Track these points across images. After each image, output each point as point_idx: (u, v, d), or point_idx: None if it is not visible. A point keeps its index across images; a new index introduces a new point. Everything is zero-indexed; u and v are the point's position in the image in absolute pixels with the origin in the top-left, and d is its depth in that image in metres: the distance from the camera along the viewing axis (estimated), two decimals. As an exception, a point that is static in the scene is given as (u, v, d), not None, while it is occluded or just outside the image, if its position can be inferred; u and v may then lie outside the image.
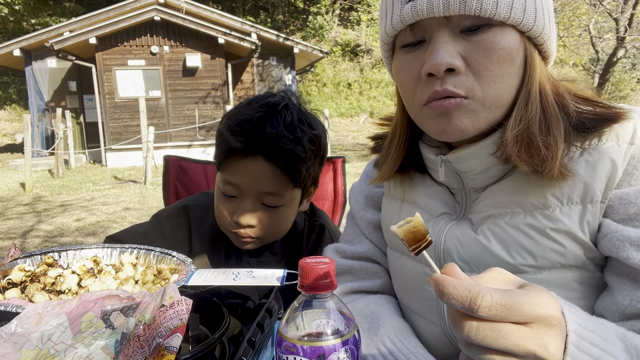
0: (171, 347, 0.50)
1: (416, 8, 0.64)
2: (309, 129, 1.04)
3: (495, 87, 0.65)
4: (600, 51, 10.63)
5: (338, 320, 0.52)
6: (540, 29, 0.65)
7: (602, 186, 0.64)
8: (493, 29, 0.63)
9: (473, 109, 0.66)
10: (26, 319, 0.51)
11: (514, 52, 0.64)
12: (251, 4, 22.99)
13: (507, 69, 0.64)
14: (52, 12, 19.98)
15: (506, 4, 0.62)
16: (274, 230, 1.11)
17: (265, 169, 1.01)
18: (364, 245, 0.94)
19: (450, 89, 0.64)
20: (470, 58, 0.64)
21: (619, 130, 0.64)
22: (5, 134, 17.53)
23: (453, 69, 0.64)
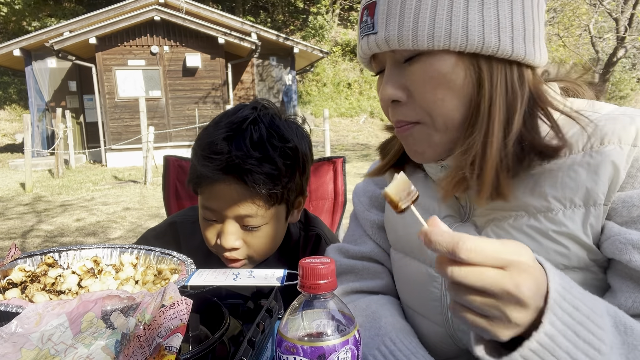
0: (171, 347, 0.50)
1: (367, 44, 0.69)
2: (281, 143, 1.00)
3: (437, 110, 0.67)
4: (600, 51, 10.63)
5: (338, 321, 0.52)
6: (478, 44, 0.63)
7: (604, 189, 0.63)
8: (423, 57, 0.66)
9: (426, 133, 0.69)
10: (26, 319, 0.51)
11: (449, 75, 0.65)
12: (251, 4, 22.99)
13: (445, 91, 0.66)
14: (52, 12, 19.98)
15: (426, 34, 0.63)
16: (261, 250, 1.07)
17: (238, 192, 0.97)
18: (368, 245, 0.94)
19: (399, 118, 0.70)
20: (411, 87, 0.68)
21: (622, 132, 0.64)
22: (5, 134, 17.53)
23: (398, 100, 0.69)
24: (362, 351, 0.57)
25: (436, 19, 0.63)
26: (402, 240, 0.85)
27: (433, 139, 0.69)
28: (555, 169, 0.67)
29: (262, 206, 0.99)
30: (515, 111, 0.65)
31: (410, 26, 0.64)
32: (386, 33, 0.65)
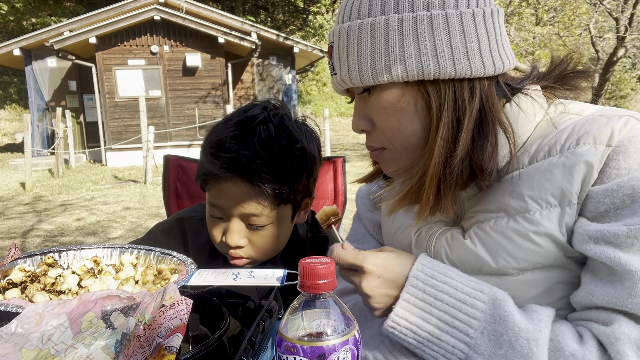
0: (171, 347, 0.50)
1: (333, 83, 0.77)
2: (289, 144, 1.00)
3: (399, 136, 0.72)
4: (600, 51, 10.62)
5: (338, 320, 0.52)
6: (417, 72, 0.66)
7: (578, 188, 0.65)
8: (375, 91, 0.71)
9: (392, 156, 0.76)
10: (26, 319, 0.51)
11: (398, 104, 0.70)
12: (251, 4, 22.97)
13: (399, 119, 0.71)
14: (52, 12, 19.97)
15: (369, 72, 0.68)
16: (266, 249, 1.07)
17: (244, 190, 0.97)
18: (370, 244, 0.97)
19: (369, 144, 0.78)
20: (372, 117, 0.75)
21: (597, 132, 0.65)
22: (5, 134, 17.53)
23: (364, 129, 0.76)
24: (362, 350, 0.57)
25: (375, 57, 0.68)
26: (394, 240, 0.88)
27: (399, 160, 0.76)
28: (533, 171, 0.69)
29: (268, 206, 0.99)
30: (461, 129, 0.68)
31: (356, 67, 0.70)
32: (341, 74, 0.73)
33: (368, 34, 0.68)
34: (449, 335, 0.64)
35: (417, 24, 0.65)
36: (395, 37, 0.66)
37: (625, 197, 0.62)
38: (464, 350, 0.63)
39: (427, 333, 0.65)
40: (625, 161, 0.62)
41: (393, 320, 0.67)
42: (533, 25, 12.02)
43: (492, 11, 0.69)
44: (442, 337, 0.64)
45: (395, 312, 0.67)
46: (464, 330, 0.63)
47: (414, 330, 0.66)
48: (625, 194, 0.61)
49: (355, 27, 0.69)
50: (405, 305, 0.67)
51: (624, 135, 0.64)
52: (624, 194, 0.62)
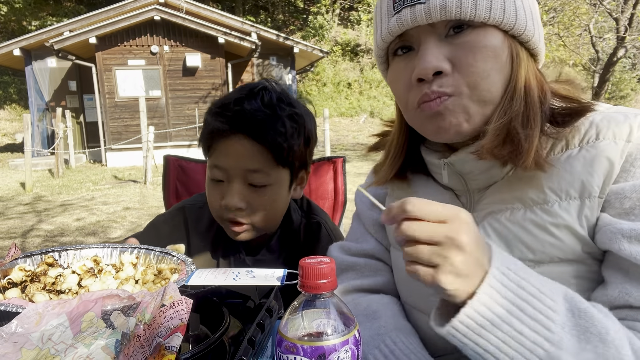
0: (171, 347, 0.50)
1: (401, 19, 0.69)
2: (288, 107, 1.07)
3: (482, 82, 0.68)
4: (600, 51, 10.62)
5: (338, 320, 0.52)
6: (522, 27, 0.68)
7: (599, 182, 0.65)
8: (475, 30, 0.67)
9: (462, 104, 0.69)
10: (26, 319, 0.51)
11: (498, 49, 0.68)
12: (251, 4, 22.98)
13: (492, 65, 0.68)
14: (52, 12, 19.98)
15: (484, 6, 0.66)
16: (265, 213, 1.09)
17: (247, 147, 1.03)
18: (370, 243, 0.96)
19: (436, 90, 0.68)
20: (456, 59, 0.68)
21: (616, 128, 0.67)
22: (5, 134, 17.53)
23: (441, 71, 0.68)
24: (362, 350, 0.57)
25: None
26: None
27: (470, 110, 0.69)
28: (552, 163, 0.69)
29: (269, 162, 1.05)
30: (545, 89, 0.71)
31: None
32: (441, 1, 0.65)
33: None
34: (530, 330, 0.54)
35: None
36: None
37: None
38: (544, 346, 0.54)
39: (510, 327, 0.55)
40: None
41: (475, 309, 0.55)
42: (533, 26, 12.01)
43: None
44: (525, 331, 0.55)
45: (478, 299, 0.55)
46: (547, 324, 0.54)
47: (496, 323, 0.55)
48: None
49: None
50: (490, 292, 0.55)
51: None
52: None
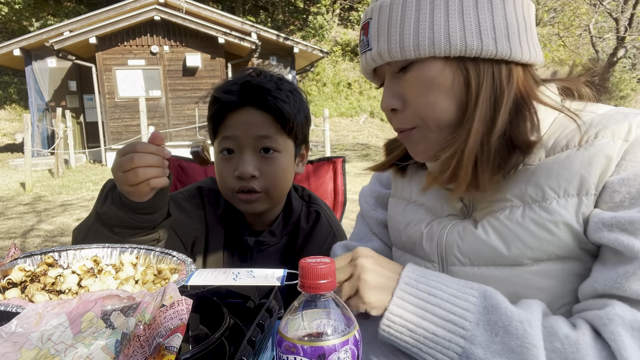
0: (171, 347, 0.50)
1: (363, 63, 0.77)
2: (287, 84, 1.19)
3: (431, 114, 0.72)
4: (600, 51, 10.62)
5: (338, 320, 0.52)
6: (461, 48, 0.68)
7: (595, 179, 0.66)
8: (415, 65, 0.71)
9: (423, 135, 0.75)
10: (26, 319, 0.50)
11: (437, 79, 0.70)
12: (251, 4, 22.97)
13: (436, 95, 0.71)
14: (52, 12, 19.97)
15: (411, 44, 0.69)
16: (276, 181, 1.16)
17: (256, 116, 1.13)
18: (373, 242, 0.98)
19: (397, 126, 0.77)
20: (406, 95, 0.74)
21: (615, 127, 0.66)
22: (5, 134, 17.53)
23: (395, 108, 0.75)
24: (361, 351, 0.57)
25: (419, 30, 0.68)
26: (402, 237, 0.88)
27: (430, 139, 0.75)
28: (551, 162, 0.69)
29: (277, 130, 1.14)
30: (500, 108, 0.69)
31: (397, 39, 0.70)
32: (378, 48, 0.72)
33: (412, 8, 0.69)
34: (444, 330, 0.63)
35: (463, 1, 0.68)
36: (440, 12, 0.68)
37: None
38: (460, 343, 0.62)
39: (423, 329, 0.64)
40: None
41: (388, 319, 0.67)
42: (533, 26, 12.01)
43: (529, 3, 0.72)
44: (438, 332, 0.63)
45: (389, 310, 0.67)
46: (460, 323, 0.63)
47: (410, 328, 0.65)
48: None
49: (400, 1, 0.70)
50: (399, 303, 0.66)
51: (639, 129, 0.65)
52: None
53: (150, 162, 0.87)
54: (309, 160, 1.69)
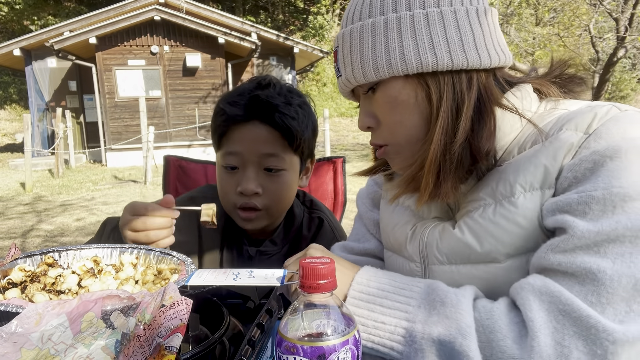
0: (171, 347, 0.50)
1: (339, 84, 0.81)
2: (297, 97, 1.15)
3: (400, 130, 0.75)
4: (600, 51, 10.62)
5: (338, 321, 0.52)
6: (416, 65, 0.70)
7: (556, 171, 0.67)
8: (379, 87, 0.75)
9: (396, 150, 0.79)
10: (26, 319, 0.51)
11: (400, 97, 0.73)
12: (251, 4, 22.97)
13: (401, 112, 0.74)
14: (53, 12, 19.97)
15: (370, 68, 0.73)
16: (279, 198, 1.14)
17: (262, 132, 1.08)
18: (371, 243, 1.00)
19: (373, 141, 0.81)
20: (377, 114, 0.78)
21: (579, 119, 0.68)
22: (5, 134, 17.53)
23: (370, 126, 0.79)
24: (361, 351, 0.57)
25: (377, 54, 0.72)
26: (391, 238, 0.91)
27: (403, 154, 0.78)
28: (520, 159, 0.71)
29: (283, 147, 1.10)
30: (461, 116, 0.71)
31: (359, 65, 0.74)
32: (346, 74, 0.77)
33: (369, 34, 0.72)
34: (391, 317, 0.67)
35: (414, 21, 0.70)
36: (394, 34, 0.71)
37: (586, 170, 0.63)
38: (403, 325, 0.66)
39: (373, 321, 0.68)
40: (595, 142, 0.64)
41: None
42: (533, 26, 12.02)
43: (485, 9, 0.73)
44: (386, 320, 0.67)
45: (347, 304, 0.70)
46: (404, 309, 0.67)
47: (362, 322, 0.69)
48: (587, 168, 0.63)
49: (357, 29, 0.74)
50: (351, 301, 0.70)
51: (602, 121, 0.66)
52: (585, 168, 0.64)
53: (160, 225, 0.90)
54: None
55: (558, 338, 0.57)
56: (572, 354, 0.56)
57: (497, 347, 0.60)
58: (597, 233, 0.59)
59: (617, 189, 0.59)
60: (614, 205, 0.59)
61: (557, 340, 0.57)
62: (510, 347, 0.59)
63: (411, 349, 0.64)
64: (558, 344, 0.57)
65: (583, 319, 0.56)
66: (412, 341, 0.64)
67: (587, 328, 0.56)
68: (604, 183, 0.61)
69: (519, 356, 0.58)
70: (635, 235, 0.57)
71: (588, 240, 0.60)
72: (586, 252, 0.60)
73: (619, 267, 0.57)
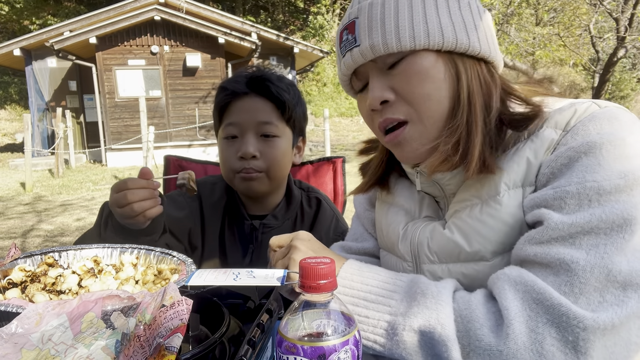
0: (171, 347, 0.50)
1: (347, 62, 0.77)
2: (288, 80, 1.31)
3: (426, 105, 0.74)
4: (600, 51, 10.61)
5: (338, 321, 0.52)
6: (452, 42, 0.72)
7: (536, 168, 0.69)
8: (408, 58, 0.73)
9: (416, 130, 0.75)
10: (26, 319, 0.51)
11: (432, 70, 0.73)
12: (251, 4, 22.97)
13: (430, 86, 0.73)
14: (53, 12, 19.97)
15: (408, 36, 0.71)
16: (275, 161, 1.25)
17: (259, 103, 1.24)
18: (370, 242, 1.01)
19: (389, 116, 0.76)
20: (398, 88, 0.75)
21: (559, 117, 0.70)
22: (5, 134, 17.53)
23: (387, 100, 0.75)
24: (361, 351, 0.57)
25: (414, 23, 0.71)
26: (385, 238, 0.93)
27: (424, 134, 0.75)
28: (503, 158, 0.73)
29: (277, 117, 1.25)
30: (492, 95, 0.74)
31: (392, 31, 0.72)
32: (370, 42, 0.73)
33: (405, 5, 0.72)
34: (374, 311, 0.68)
35: (449, 3, 0.73)
36: (432, 9, 0.72)
37: (562, 166, 0.65)
38: (386, 319, 0.67)
39: (357, 315, 0.69)
40: (572, 138, 0.66)
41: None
42: (533, 26, 12.02)
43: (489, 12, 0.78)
44: (369, 314, 0.68)
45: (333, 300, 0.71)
46: (387, 303, 0.69)
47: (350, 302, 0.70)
48: (562, 164, 0.65)
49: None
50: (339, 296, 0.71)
51: (580, 118, 0.68)
52: (561, 164, 0.65)
53: (142, 196, 0.96)
54: (309, 161, 1.70)
55: (532, 326, 0.59)
56: (545, 341, 0.57)
57: (474, 335, 0.62)
58: (571, 225, 0.61)
59: (591, 183, 0.61)
60: (589, 199, 0.61)
61: (531, 328, 0.58)
62: (487, 336, 0.61)
63: (393, 341, 0.65)
64: (532, 331, 0.58)
65: (555, 307, 0.58)
66: (393, 334, 0.66)
67: (558, 316, 0.57)
68: (578, 178, 0.62)
69: (495, 344, 0.60)
70: (609, 227, 0.59)
71: (563, 232, 0.61)
72: (561, 243, 0.61)
73: (592, 258, 0.58)
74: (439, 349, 0.62)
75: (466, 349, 0.62)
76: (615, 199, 0.60)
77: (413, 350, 0.64)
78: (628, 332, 0.57)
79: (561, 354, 0.57)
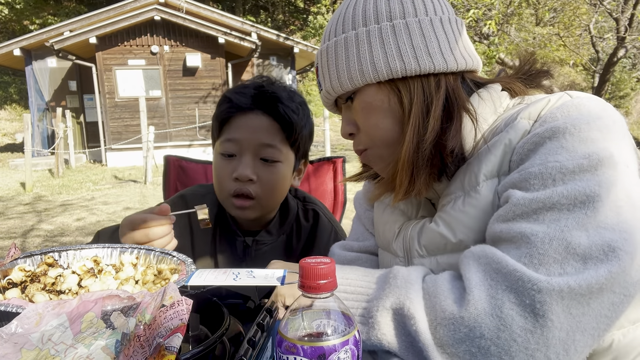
0: (171, 347, 0.50)
1: (322, 97, 0.87)
2: (299, 97, 1.21)
3: (378, 134, 0.80)
4: (600, 51, 10.62)
5: (338, 320, 0.52)
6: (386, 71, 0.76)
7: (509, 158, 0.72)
8: (355, 95, 0.81)
9: (375, 153, 0.83)
10: (26, 319, 0.51)
11: (374, 102, 0.78)
12: (251, 4, 22.97)
13: (376, 116, 0.79)
14: (53, 12, 19.97)
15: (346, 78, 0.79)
16: (272, 188, 1.16)
17: (263, 122, 1.13)
18: (371, 240, 1.03)
19: (354, 147, 0.86)
20: (356, 120, 0.83)
21: (532, 109, 0.72)
22: (5, 134, 17.53)
23: (352, 133, 0.84)
24: (361, 351, 0.57)
25: (350, 65, 0.78)
26: (381, 236, 0.96)
27: (382, 156, 0.82)
28: (484, 151, 0.75)
29: (281, 139, 1.14)
30: (430, 116, 0.76)
31: (336, 77, 0.80)
32: (325, 87, 0.83)
33: (343, 48, 0.79)
34: (353, 301, 0.71)
35: (382, 32, 0.76)
36: (365, 46, 0.77)
37: (528, 151, 0.67)
38: (362, 305, 0.70)
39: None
40: (540, 126, 0.68)
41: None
42: (533, 26, 12.03)
43: (450, 19, 0.79)
44: (348, 304, 0.70)
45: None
46: (364, 292, 0.72)
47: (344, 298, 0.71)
48: (529, 149, 0.67)
49: (332, 44, 0.81)
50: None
51: (551, 108, 0.69)
52: (527, 149, 0.68)
53: (162, 234, 0.94)
54: (309, 160, 1.70)
55: (492, 293, 0.61)
56: (504, 305, 0.59)
57: (439, 308, 0.64)
58: (532, 200, 0.63)
59: (553, 163, 0.63)
60: (553, 179, 0.63)
61: (492, 295, 0.61)
62: (451, 306, 0.63)
63: (369, 325, 0.68)
64: (492, 298, 0.61)
65: (511, 273, 0.60)
66: (369, 316, 0.68)
67: (515, 281, 0.59)
68: (540, 160, 0.65)
69: (457, 311, 0.62)
70: (571, 204, 0.60)
71: (525, 208, 0.63)
72: (524, 219, 0.63)
73: (551, 231, 0.60)
74: (408, 324, 0.65)
75: (433, 323, 0.64)
76: (579, 178, 0.61)
77: (387, 330, 0.66)
78: (600, 305, 0.58)
79: (520, 318, 0.58)
